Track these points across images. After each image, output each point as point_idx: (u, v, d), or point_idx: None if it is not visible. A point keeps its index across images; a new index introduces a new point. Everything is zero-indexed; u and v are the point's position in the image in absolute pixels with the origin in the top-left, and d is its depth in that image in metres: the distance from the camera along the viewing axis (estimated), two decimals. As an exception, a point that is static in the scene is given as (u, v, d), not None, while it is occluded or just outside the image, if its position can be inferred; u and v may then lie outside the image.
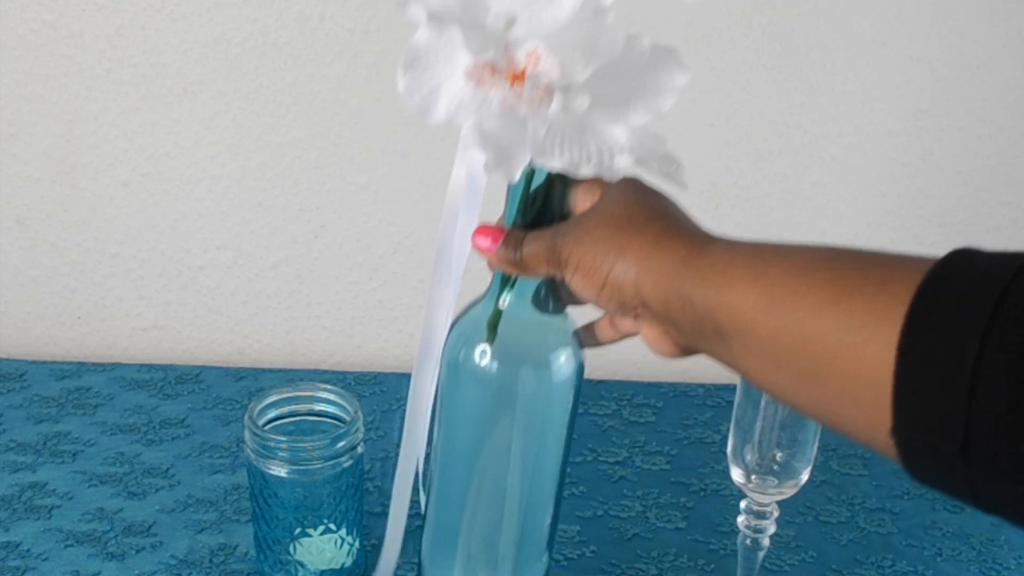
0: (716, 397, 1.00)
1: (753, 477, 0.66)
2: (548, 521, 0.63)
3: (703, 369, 1.11)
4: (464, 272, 0.60)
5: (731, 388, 0.70)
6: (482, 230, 0.55)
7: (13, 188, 0.99)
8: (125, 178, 0.99)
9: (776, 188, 1.01)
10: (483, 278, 0.59)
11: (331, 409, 0.74)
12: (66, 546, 0.79)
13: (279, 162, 0.99)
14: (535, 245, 0.53)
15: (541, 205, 0.55)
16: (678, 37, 0.93)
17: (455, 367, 0.59)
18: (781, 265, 0.44)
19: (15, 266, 1.03)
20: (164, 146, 0.98)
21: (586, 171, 0.48)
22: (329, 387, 0.74)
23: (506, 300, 0.58)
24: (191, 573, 0.77)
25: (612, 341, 0.59)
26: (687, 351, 0.53)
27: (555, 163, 0.48)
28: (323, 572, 0.75)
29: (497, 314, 0.58)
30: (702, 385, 1.01)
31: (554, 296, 0.58)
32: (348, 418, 0.72)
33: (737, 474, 0.67)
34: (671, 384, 1.01)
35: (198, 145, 0.98)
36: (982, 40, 0.96)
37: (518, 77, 0.48)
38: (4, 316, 1.05)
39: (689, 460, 0.91)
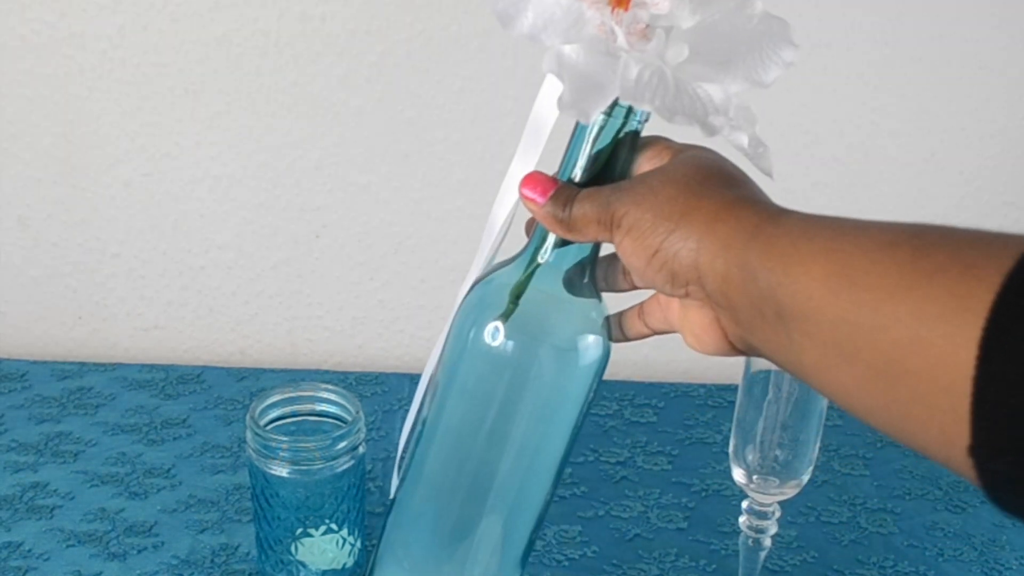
0: (717, 397, 1.00)
1: (755, 477, 0.66)
2: (531, 528, 0.57)
3: (704, 369, 1.11)
4: (510, 227, 0.55)
5: (732, 388, 0.70)
6: (532, 179, 0.49)
7: (14, 188, 0.99)
8: (126, 178, 0.99)
9: (776, 188, 1.00)
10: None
11: (332, 409, 0.74)
12: (68, 546, 0.79)
13: (280, 162, 0.99)
14: (587, 204, 0.47)
15: (603, 166, 0.49)
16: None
17: (464, 336, 0.53)
18: (858, 240, 0.38)
19: (16, 266, 1.03)
20: (165, 146, 0.98)
21: (680, 120, 0.43)
22: (330, 387, 0.74)
23: (545, 255, 0.52)
24: (192, 573, 0.77)
25: (639, 337, 0.54)
26: (734, 346, 0.47)
27: (646, 105, 0.43)
28: (325, 572, 0.75)
29: (526, 280, 0.52)
30: (703, 385, 1.01)
31: (591, 276, 0.53)
32: (349, 418, 0.72)
33: (739, 474, 0.67)
34: (672, 384, 1.01)
35: (199, 145, 0.98)
36: (983, 40, 0.96)
37: (621, 2, 0.44)
38: (5, 316, 1.05)
39: (690, 460, 0.91)
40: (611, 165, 0.50)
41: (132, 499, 0.84)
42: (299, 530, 0.73)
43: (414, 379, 1.00)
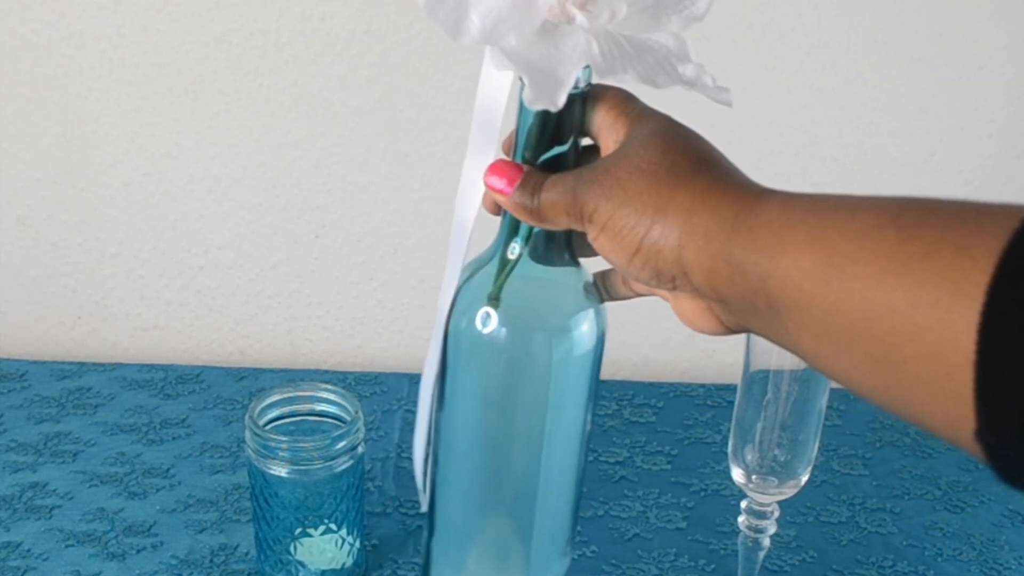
0: (717, 397, 1.00)
1: (754, 477, 0.66)
2: (568, 512, 0.56)
3: (703, 369, 1.11)
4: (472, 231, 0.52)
5: (732, 388, 0.70)
6: (497, 167, 0.47)
7: (14, 188, 0.99)
8: (126, 178, 0.99)
9: (776, 188, 1.00)
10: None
11: (332, 409, 0.74)
12: (67, 546, 0.79)
13: (280, 162, 0.99)
14: (555, 192, 0.45)
15: (555, 134, 0.47)
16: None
17: (457, 338, 0.52)
18: (842, 224, 0.37)
19: (16, 266, 1.03)
20: (165, 146, 0.98)
21: (663, 81, 0.42)
22: (330, 387, 0.74)
23: (515, 251, 0.50)
24: (192, 573, 0.77)
25: (624, 298, 0.52)
26: (731, 329, 0.45)
27: (627, 79, 0.41)
28: (324, 572, 0.75)
29: (503, 269, 0.50)
30: (703, 385, 1.01)
31: (565, 242, 0.50)
32: (349, 418, 0.72)
33: (738, 474, 0.67)
34: (671, 384, 1.01)
35: (199, 145, 0.98)
36: (982, 40, 0.96)
37: None
38: (4, 316, 1.05)
39: (690, 460, 0.91)
40: (564, 131, 0.48)
41: (131, 499, 0.84)
42: (298, 530, 0.73)
43: (414, 379, 1.01)
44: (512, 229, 0.51)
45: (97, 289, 1.04)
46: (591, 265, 0.53)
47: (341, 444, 0.70)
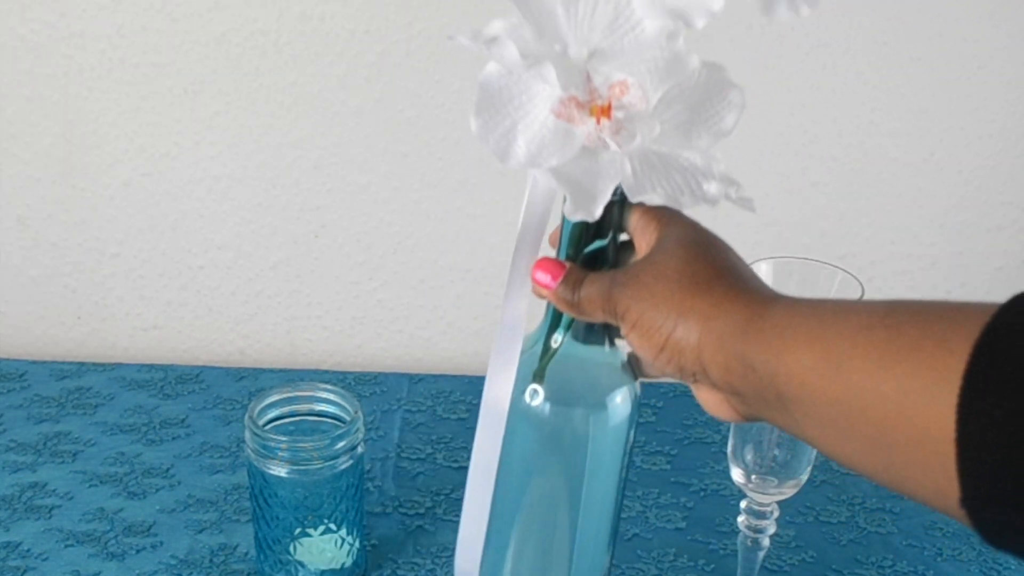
0: (716, 397, 1.00)
1: (753, 477, 0.66)
2: (605, 565, 0.61)
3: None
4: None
5: (731, 388, 0.70)
6: (543, 264, 0.52)
7: (14, 188, 0.99)
8: (126, 178, 0.99)
9: (776, 188, 1.01)
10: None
11: (331, 409, 0.74)
12: (66, 546, 0.79)
13: (280, 162, 0.99)
14: (592, 290, 0.51)
15: (594, 230, 0.53)
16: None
17: (513, 422, 0.56)
18: (838, 326, 0.42)
19: (16, 266, 1.03)
20: (165, 146, 0.98)
21: (687, 202, 0.46)
22: (329, 387, 0.74)
23: (559, 340, 0.55)
24: (191, 573, 0.77)
25: (655, 378, 0.57)
26: (746, 418, 0.50)
27: (656, 199, 0.46)
28: (323, 572, 0.75)
29: (547, 353, 0.56)
30: (702, 385, 1.01)
31: (605, 330, 0.55)
32: (348, 418, 0.72)
33: (737, 474, 0.67)
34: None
35: (199, 145, 0.98)
36: (982, 40, 0.96)
37: (604, 111, 0.46)
38: (4, 316, 1.05)
39: (689, 460, 0.91)
40: (603, 229, 0.53)
41: (131, 499, 0.84)
42: (298, 530, 0.73)
43: (413, 379, 1.01)
44: (555, 318, 0.55)
45: (97, 289, 1.04)
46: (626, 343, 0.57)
47: (341, 444, 0.70)
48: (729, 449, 0.67)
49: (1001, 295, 0.38)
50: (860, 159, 1.00)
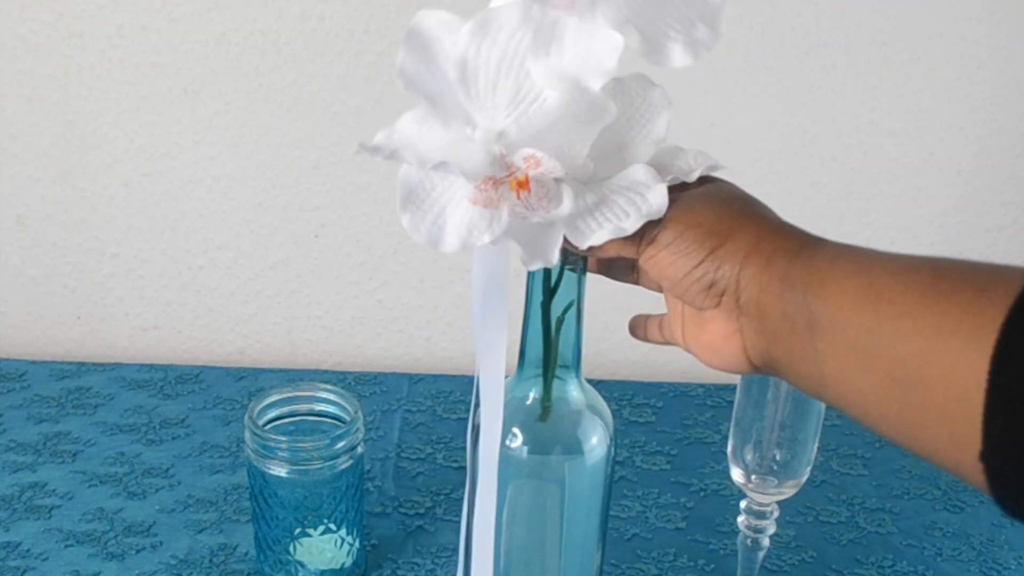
0: (716, 397, 1.00)
1: (753, 477, 0.66)
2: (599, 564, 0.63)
3: (703, 369, 1.11)
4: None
5: (731, 388, 0.70)
6: None
7: (13, 188, 0.99)
8: (125, 178, 0.99)
9: (776, 188, 1.00)
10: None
11: (331, 409, 0.74)
12: (66, 546, 0.79)
13: (279, 162, 0.99)
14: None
15: (562, 262, 0.53)
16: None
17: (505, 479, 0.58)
18: (884, 264, 0.43)
19: (15, 266, 1.03)
20: (164, 146, 0.98)
21: (633, 224, 0.47)
22: (329, 387, 0.74)
23: (533, 396, 0.57)
24: (191, 573, 0.77)
25: (656, 343, 0.57)
26: (751, 360, 0.49)
27: (601, 237, 0.47)
28: (323, 572, 0.75)
29: (548, 399, 0.57)
30: (702, 385, 1.01)
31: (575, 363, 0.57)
32: (348, 418, 0.72)
33: (737, 474, 0.67)
34: (671, 384, 1.01)
35: (198, 145, 0.98)
36: (982, 40, 0.96)
37: (522, 184, 0.47)
38: (4, 316, 1.05)
39: (689, 460, 0.91)
40: (568, 259, 0.53)
41: (131, 499, 0.84)
42: (297, 530, 0.73)
43: (413, 379, 1.01)
44: (544, 290, 0.55)
45: (97, 289, 1.04)
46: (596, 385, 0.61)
47: (341, 444, 0.70)
48: (729, 449, 0.67)
49: (1001, 295, 0.38)
50: (860, 159, 1.01)
